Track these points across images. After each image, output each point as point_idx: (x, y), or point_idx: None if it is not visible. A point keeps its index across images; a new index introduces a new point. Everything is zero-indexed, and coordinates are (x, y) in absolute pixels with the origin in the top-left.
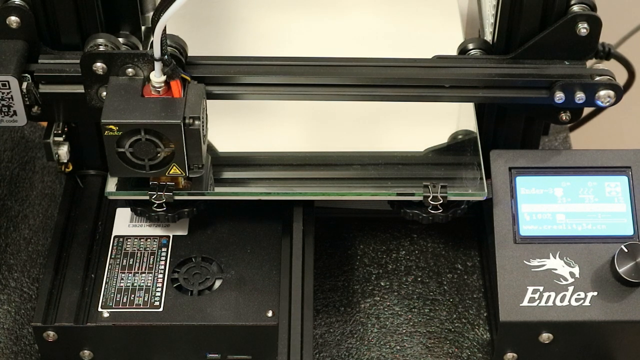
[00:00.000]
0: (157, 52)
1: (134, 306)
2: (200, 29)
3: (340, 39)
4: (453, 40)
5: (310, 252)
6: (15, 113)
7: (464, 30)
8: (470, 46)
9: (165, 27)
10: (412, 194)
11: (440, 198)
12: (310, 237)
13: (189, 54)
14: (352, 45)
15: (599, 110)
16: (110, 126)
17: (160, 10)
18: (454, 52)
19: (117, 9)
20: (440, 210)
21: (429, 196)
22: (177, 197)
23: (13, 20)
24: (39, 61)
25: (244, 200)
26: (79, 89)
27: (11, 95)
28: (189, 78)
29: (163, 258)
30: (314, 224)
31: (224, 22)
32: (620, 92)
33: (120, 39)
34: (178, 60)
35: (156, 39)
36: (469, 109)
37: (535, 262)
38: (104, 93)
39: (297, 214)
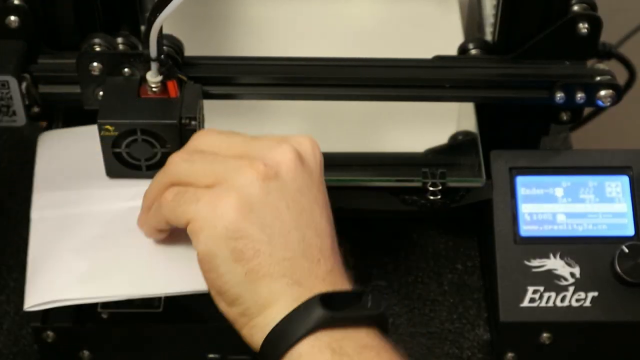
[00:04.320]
0: (153, 52)
1: (134, 307)
2: (197, 28)
3: (339, 39)
4: (453, 40)
5: None
6: (14, 113)
7: (464, 30)
8: (471, 46)
9: (161, 27)
10: (412, 180)
11: (439, 184)
12: None
13: (185, 54)
14: (351, 45)
15: (600, 110)
16: (107, 126)
17: (156, 10)
18: (454, 52)
19: (116, 8)
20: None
21: (428, 182)
22: None
23: (12, 20)
24: (39, 61)
25: None
26: (79, 89)
27: (10, 95)
28: (185, 78)
29: None
30: None
31: (221, 22)
32: (620, 92)
33: (120, 39)
34: (174, 60)
35: (152, 38)
36: (469, 109)
37: (535, 263)
38: (101, 93)
39: None
